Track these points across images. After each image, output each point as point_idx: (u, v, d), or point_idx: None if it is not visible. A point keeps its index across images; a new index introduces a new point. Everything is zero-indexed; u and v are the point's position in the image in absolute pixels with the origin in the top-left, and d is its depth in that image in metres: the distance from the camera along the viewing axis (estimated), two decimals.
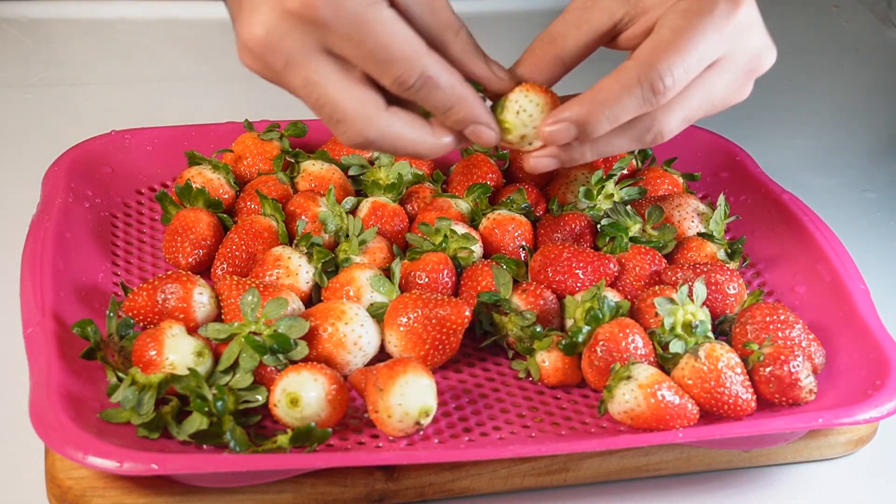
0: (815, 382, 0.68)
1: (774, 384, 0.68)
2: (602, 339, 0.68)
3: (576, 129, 0.63)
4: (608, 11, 0.66)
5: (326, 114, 0.61)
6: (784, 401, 0.68)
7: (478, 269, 0.75)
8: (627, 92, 0.62)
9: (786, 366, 0.68)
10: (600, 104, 0.62)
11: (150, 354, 0.66)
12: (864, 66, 1.20)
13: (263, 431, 0.66)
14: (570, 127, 0.63)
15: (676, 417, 0.65)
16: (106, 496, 0.62)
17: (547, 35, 0.67)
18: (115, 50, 1.14)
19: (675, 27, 0.63)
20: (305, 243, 0.76)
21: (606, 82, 0.63)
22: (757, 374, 0.68)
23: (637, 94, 0.62)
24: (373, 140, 0.62)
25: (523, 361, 0.72)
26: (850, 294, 0.74)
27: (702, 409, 0.66)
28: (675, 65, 0.62)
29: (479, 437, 0.67)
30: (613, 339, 0.68)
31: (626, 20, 0.66)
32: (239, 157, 0.85)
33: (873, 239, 0.92)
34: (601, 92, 0.62)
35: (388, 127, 0.61)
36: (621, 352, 0.68)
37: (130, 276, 0.78)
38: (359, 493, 0.64)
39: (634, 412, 0.65)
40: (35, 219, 0.75)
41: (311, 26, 0.58)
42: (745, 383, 0.67)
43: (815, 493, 0.69)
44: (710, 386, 0.66)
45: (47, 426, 0.59)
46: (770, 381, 0.68)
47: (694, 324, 0.70)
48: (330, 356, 0.68)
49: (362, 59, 0.60)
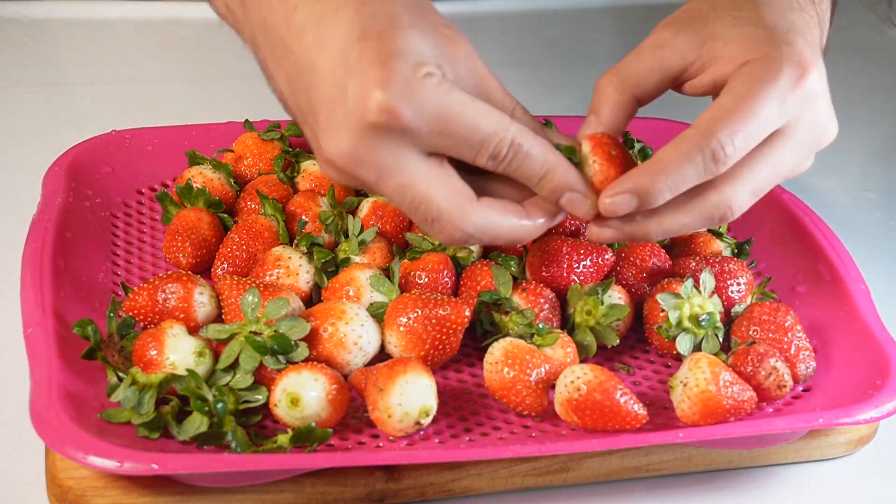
0: (785, 382, 0.69)
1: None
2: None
3: (637, 199, 0.61)
4: (681, 53, 0.65)
5: (421, 214, 0.60)
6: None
7: (477, 268, 0.75)
8: (688, 160, 0.61)
9: (749, 366, 0.68)
10: (660, 172, 0.61)
11: (151, 354, 0.66)
12: (864, 66, 1.20)
13: (264, 431, 0.66)
14: (630, 198, 0.61)
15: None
16: (106, 496, 0.62)
17: (619, 74, 0.66)
18: (115, 50, 1.14)
19: (738, 94, 0.61)
20: (306, 243, 0.76)
21: (666, 151, 0.61)
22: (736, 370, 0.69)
23: (698, 161, 0.61)
24: (471, 234, 0.61)
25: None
26: (850, 294, 0.74)
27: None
28: (736, 133, 0.60)
29: (480, 437, 0.67)
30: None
31: (697, 65, 0.65)
32: (239, 156, 0.85)
33: (873, 239, 0.92)
34: (661, 161, 0.61)
35: (483, 220, 0.61)
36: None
37: (131, 276, 0.78)
38: (359, 493, 0.64)
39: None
40: (35, 219, 0.75)
41: (399, 134, 0.58)
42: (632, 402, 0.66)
43: (815, 493, 0.69)
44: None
45: (48, 426, 0.59)
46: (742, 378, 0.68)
47: (702, 317, 0.71)
48: (330, 356, 0.68)
49: (456, 148, 0.59)
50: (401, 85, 0.56)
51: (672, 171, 0.61)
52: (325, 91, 0.59)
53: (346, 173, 0.60)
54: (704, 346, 0.71)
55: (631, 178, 0.62)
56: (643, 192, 0.61)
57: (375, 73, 0.56)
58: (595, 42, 1.23)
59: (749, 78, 0.62)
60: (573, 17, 1.25)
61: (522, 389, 0.66)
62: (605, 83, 0.66)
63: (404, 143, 0.58)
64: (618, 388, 0.65)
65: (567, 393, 0.65)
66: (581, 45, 1.22)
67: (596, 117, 0.66)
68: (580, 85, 1.08)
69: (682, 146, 0.61)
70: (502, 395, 0.67)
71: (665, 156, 0.61)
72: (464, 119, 0.58)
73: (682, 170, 0.61)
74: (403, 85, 0.56)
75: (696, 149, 0.61)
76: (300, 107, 0.62)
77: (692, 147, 0.61)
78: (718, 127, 0.61)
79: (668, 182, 0.61)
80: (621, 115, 0.66)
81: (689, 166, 0.61)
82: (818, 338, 0.74)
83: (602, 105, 0.66)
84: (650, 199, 0.61)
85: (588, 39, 1.23)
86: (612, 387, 0.64)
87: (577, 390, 0.65)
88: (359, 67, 0.57)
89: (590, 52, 1.21)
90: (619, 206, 0.62)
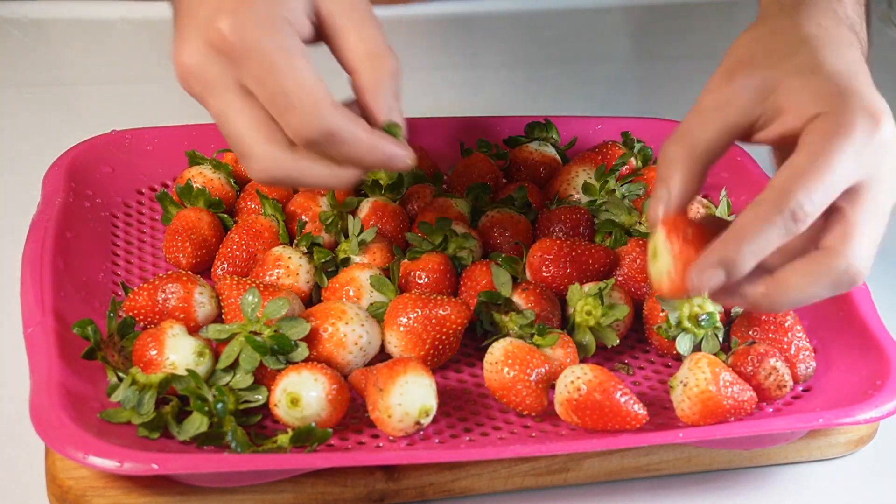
0: (785, 382, 0.69)
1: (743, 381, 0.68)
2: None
3: (723, 270, 0.60)
4: (744, 110, 0.62)
5: (235, 148, 0.62)
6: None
7: (477, 268, 0.75)
8: (768, 222, 0.59)
9: (749, 366, 0.68)
10: (741, 240, 0.59)
11: (151, 354, 0.66)
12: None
13: (264, 431, 0.66)
14: (716, 272, 0.60)
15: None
16: (106, 496, 0.62)
17: (687, 142, 0.63)
18: (115, 50, 1.14)
19: (813, 152, 0.60)
20: (306, 243, 0.76)
21: (745, 216, 0.60)
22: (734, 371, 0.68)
23: (778, 223, 0.59)
24: (278, 179, 0.62)
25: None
26: (850, 294, 0.74)
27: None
28: (813, 191, 0.59)
29: (480, 437, 0.67)
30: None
31: (762, 120, 0.63)
32: None
33: None
34: (740, 228, 0.60)
35: (293, 166, 0.62)
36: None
37: (131, 276, 0.78)
38: (359, 493, 0.64)
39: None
40: (35, 219, 0.75)
41: (227, 60, 0.60)
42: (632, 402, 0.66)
43: (815, 493, 0.69)
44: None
45: (48, 426, 0.59)
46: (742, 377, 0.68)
47: (701, 317, 0.71)
48: (330, 356, 0.68)
49: (266, 100, 0.60)
50: (248, 21, 0.59)
51: (753, 237, 0.59)
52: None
53: (183, 81, 0.63)
54: (704, 346, 0.71)
55: (715, 252, 0.60)
56: (728, 264, 0.59)
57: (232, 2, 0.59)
58: (596, 42, 1.23)
59: (823, 134, 0.60)
60: (573, 17, 1.25)
61: (523, 389, 0.66)
62: (675, 154, 0.63)
63: (230, 72, 0.60)
64: (618, 388, 0.65)
65: (567, 393, 0.65)
66: (581, 45, 1.22)
67: (668, 193, 0.63)
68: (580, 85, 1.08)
69: (761, 210, 0.59)
70: (502, 395, 0.67)
71: (744, 221, 0.60)
72: (280, 78, 0.59)
73: (763, 233, 0.59)
74: (251, 21, 0.59)
75: (775, 211, 0.59)
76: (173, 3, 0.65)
77: (771, 210, 0.59)
78: (796, 186, 0.59)
79: (751, 248, 0.59)
80: (694, 184, 0.63)
81: (769, 229, 0.59)
82: (818, 338, 0.74)
83: (673, 176, 0.63)
84: (736, 269, 0.60)
85: (589, 39, 1.23)
86: (612, 387, 0.64)
87: (577, 390, 0.65)
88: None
89: (590, 52, 1.21)
90: (707, 281, 0.60)
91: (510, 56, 0.67)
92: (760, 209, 0.59)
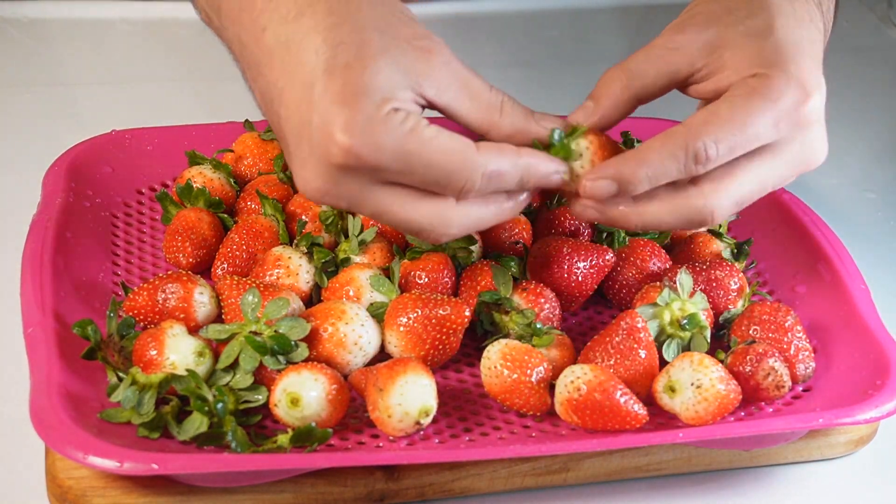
0: (784, 382, 0.68)
1: (741, 381, 0.68)
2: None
3: (616, 185, 0.63)
4: (690, 58, 0.65)
5: (405, 231, 0.62)
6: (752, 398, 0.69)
7: (477, 268, 0.75)
8: (671, 155, 0.62)
9: (748, 366, 0.68)
10: (642, 163, 0.62)
11: (151, 354, 0.66)
12: (864, 66, 1.20)
13: (264, 431, 0.66)
14: (609, 183, 0.63)
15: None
16: (106, 496, 0.62)
17: (626, 70, 0.66)
18: (115, 50, 1.14)
19: (735, 104, 0.62)
20: (306, 243, 0.76)
21: (653, 143, 0.62)
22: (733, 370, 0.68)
23: (679, 158, 0.62)
24: (458, 235, 0.63)
25: None
26: (850, 294, 0.74)
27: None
28: (723, 139, 0.61)
29: (480, 437, 0.67)
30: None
31: (704, 72, 0.65)
32: (239, 156, 0.85)
33: (873, 239, 0.92)
34: (645, 151, 0.62)
35: (466, 219, 0.62)
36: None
37: (131, 276, 0.78)
38: (359, 493, 0.64)
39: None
40: (35, 219, 0.75)
41: (362, 171, 0.59)
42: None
43: (815, 493, 0.69)
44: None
45: (48, 426, 0.59)
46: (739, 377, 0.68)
47: (682, 320, 0.70)
48: (330, 356, 0.68)
49: (423, 185, 0.60)
50: (363, 126, 0.57)
51: (654, 164, 0.62)
52: (292, 123, 0.60)
53: (322, 202, 0.62)
54: (693, 347, 0.71)
55: (613, 165, 0.63)
56: (623, 180, 0.62)
57: (338, 113, 0.57)
58: (596, 42, 1.23)
59: (750, 90, 0.62)
60: (573, 17, 1.25)
61: (525, 390, 0.66)
62: (613, 78, 0.66)
63: (369, 178, 0.59)
64: (618, 388, 0.64)
65: (567, 393, 0.65)
66: (581, 45, 1.22)
67: (595, 105, 0.66)
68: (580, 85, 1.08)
69: (668, 141, 0.62)
70: (504, 397, 0.67)
71: (649, 147, 0.62)
72: (425, 160, 0.58)
73: (663, 164, 0.62)
74: (366, 125, 0.57)
75: (680, 146, 0.62)
76: (273, 128, 0.64)
77: (677, 144, 0.62)
78: (708, 130, 0.62)
79: (648, 173, 0.62)
80: (620, 111, 0.66)
81: (670, 161, 0.62)
82: (818, 338, 0.74)
83: (604, 97, 0.66)
84: (629, 187, 0.63)
85: (589, 39, 1.23)
86: (612, 387, 0.64)
87: (577, 390, 0.65)
88: (322, 105, 0.57)
89: (590, 52, 1.21)
90: (599, 190, 0.63)
91: (510, 56, 0.67)
92: (668, 140, 0.62)
